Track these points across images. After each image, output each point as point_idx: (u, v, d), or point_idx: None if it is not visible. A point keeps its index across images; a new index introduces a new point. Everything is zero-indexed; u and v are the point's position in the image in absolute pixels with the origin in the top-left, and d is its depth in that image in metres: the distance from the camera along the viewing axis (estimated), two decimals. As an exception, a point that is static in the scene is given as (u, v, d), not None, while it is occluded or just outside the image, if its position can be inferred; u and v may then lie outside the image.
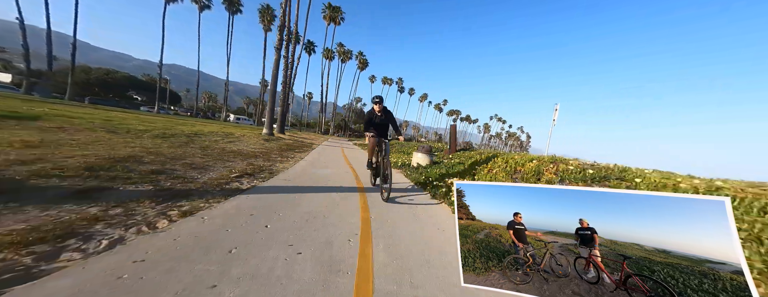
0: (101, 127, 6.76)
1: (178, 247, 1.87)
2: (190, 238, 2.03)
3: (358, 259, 1.98)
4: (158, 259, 1.70)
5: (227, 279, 1.57)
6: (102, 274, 1.50)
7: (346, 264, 1.89)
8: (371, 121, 4.33)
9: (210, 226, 2.30)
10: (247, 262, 1.77)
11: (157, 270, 1.59)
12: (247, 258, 1.83)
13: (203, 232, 2.15)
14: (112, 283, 1.44)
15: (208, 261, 1.74)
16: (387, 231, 2.64)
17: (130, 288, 1.41)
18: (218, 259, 1.77)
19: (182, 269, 1.62)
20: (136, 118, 12.75)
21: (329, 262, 1.90)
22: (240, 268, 1.70)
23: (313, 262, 1.88)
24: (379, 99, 4.20)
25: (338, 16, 42.55)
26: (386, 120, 4.36)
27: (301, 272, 1.73)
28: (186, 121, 18.90)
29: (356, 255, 2.05)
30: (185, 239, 2.00)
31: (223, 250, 1.90)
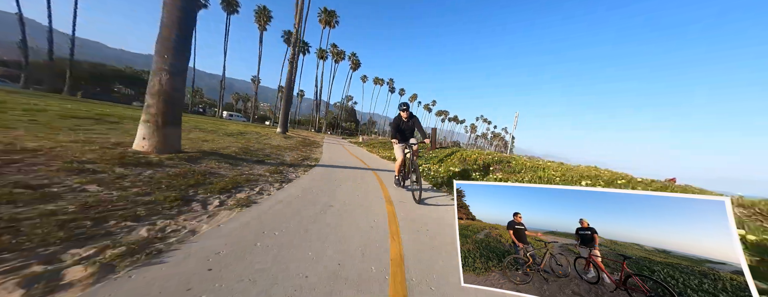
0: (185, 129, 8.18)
1: (314, 180, 4.55)
2: (315, 178, 4.72)
3: (380, 186, 4.66)
4: (312, 185, 4.12)
5: (340, 188, 4.09)
6: (299, 188, 3.81)
7: (377, 189, 4.42)
8: (398, 128, 4.52)
9: (317, 176, 5.02)
10: (342, 184, 4.44)
11: (316, 188, 3.94)
12: (341, 184, 4.46)
13: (317, 178, 4.81)
14: (301, 193, 3.52)
15: (329, 184, 4.30)
16: (388, 181, 5.26)
17: (305, 197, 3.32)
18: (332, 184, 4.40)
19: (324, 186, 4.10)
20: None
21: (368, 188, 4.41)
22: (341, 187, 4.21)
23: (363, 188, 4.34)
24: (406, 106, 4.41)
25: (333, 19, 43.87)
26: (412, 125, 4.57)
27: (360, 189, 4.31)
28: (197, 118, 19.66)
29: (379, 188, 4.51)
30: (314, 178, 4.70)
31: (331, 180, 4.74)
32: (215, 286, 1.35)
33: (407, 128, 4.56)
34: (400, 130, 4.54)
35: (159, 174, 3.19)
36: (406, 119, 4.52)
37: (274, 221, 2.35)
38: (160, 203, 2.37)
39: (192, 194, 2.76)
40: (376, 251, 1.98)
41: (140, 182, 2.79)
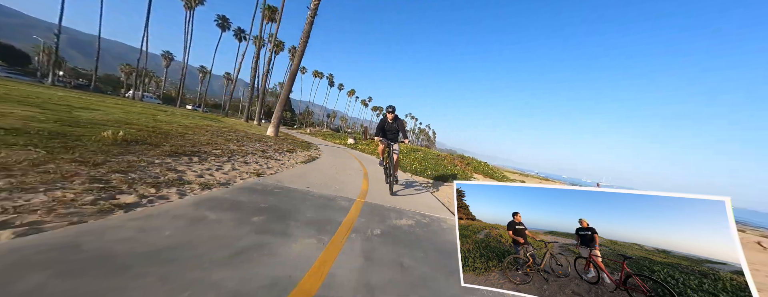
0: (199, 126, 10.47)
1: (330, 152, 12.05)
2: (328, 150, 12.61)
3: (358, 160, 10.69)
4: (328, 157, 9.45)
5: (343, 157, 11.03)
6: (328, 154, 10.85)
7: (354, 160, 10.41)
8: (382, 128, 5.04)
9: (330, 149, 13.32)
10: (343, 154, 12.22)
11: (328, 155, 10.30)
12: (343, 157, 10.98)
13: (332, 150, 13.02)
14: (325, 158, 9.26)
15: (338, 154, 11.71)
16: (366, 159, 11.63)
17: (327, 161, 8.28)
18: (340, 156, 10.89)
19: (336, 154, 11.62)
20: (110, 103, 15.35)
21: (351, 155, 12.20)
22: (340, 156, 10.95)
23: (352, 158, 11.14)
24: (392, 109, 4.98)
25: (275, 14, 42.36)
26: (397, 127, 5.02)
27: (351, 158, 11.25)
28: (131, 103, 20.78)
29: (357, 161, 10.33)
30: (329, 151, 12.22)
31: (339, 154, 11.74)
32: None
33: (391, 129, 5.03)
34: (384, 130, 5.04)
35: (277, 140, 11.36)
36: (391, 121, 4.98)
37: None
38: (286, 147, 9.45)
39: (291, 148, 9.79)
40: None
41: (273, 142, 10.21)
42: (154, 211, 2.17)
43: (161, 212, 2.16)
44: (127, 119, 7.55)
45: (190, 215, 2.18)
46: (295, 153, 8.61)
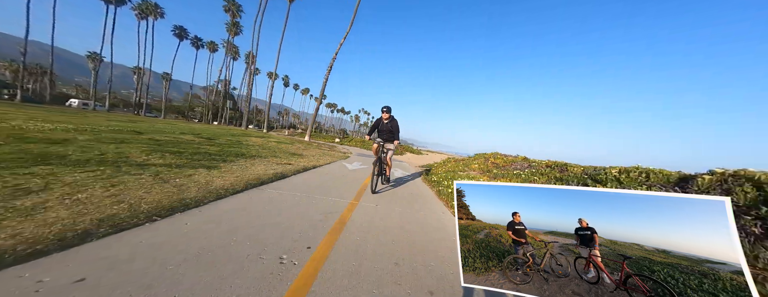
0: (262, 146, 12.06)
1: (355, 152, 16.22)
2: (356, 154, 14.96)
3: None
4: (358, 157, 12.90)
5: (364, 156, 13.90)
6: (358, 156, 13.86)
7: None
8: (377, 127, 5.16)
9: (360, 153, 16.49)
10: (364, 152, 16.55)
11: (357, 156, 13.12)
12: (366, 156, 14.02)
13: (359, 152, 17.28)
14: (354, 157, 12.42)
15: (362, 155, 14.67)
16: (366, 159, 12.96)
17: (357, 159, 11.27)
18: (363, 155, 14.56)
19: (362, 154, 15.20)
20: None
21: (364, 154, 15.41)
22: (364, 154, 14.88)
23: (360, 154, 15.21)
24: (387, 109, 5.04)
25: (236, 28, 42.83)
26: (392, 127, 5.04)
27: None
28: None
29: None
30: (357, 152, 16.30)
31: (363, 156, 13.77)
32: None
33: (385, 129, 5.13)
34: (379, 129, 5.20)
35: (314, 144, 18.09)
36: (386, 121, 5.05)
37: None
38: (317, 150, 13.20)
39: (327, 150, 14.33)
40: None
41: (307, 145, 15.18)
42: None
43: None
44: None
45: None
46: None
